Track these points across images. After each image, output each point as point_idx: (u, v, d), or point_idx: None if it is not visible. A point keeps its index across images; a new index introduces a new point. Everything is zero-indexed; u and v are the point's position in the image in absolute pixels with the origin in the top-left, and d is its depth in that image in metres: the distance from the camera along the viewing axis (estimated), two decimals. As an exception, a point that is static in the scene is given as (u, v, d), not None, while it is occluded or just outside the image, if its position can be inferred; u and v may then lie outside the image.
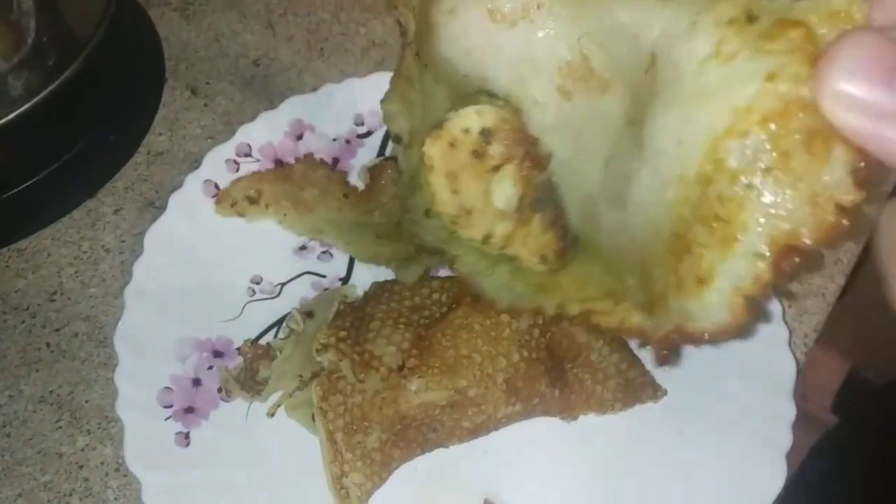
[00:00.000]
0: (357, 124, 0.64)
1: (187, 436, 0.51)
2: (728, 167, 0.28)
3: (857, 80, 0.24)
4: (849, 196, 0.27)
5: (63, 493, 0.52)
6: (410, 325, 0.53)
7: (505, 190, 0.37)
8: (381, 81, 0.62)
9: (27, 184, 0.61)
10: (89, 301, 0.59)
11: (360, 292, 0.57)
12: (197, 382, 0.53)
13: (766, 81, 0.27)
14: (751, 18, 0.29)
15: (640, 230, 0.33)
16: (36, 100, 0.56)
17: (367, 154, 0.63)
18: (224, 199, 0.58)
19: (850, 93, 0.24)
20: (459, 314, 0.52)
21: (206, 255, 0.57)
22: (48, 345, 0.57)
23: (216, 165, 0.59)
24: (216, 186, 0.59)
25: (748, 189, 0.28)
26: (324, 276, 0.59)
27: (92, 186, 0.63)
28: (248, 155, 0.61)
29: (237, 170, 0.60)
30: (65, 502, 0.52)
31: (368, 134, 0.64)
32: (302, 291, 0.58)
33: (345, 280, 0.59)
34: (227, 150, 0.60)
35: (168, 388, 0.52)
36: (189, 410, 0.52)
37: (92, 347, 0.57)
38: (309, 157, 0.60)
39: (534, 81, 0.37)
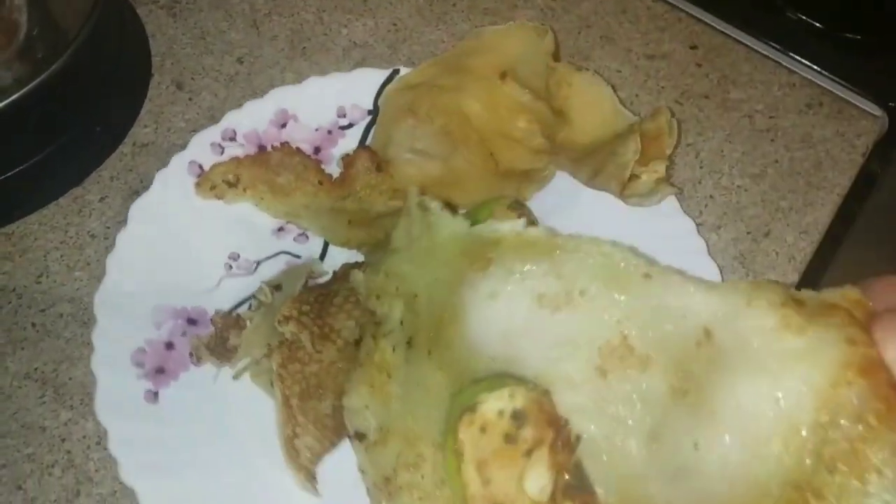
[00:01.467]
0: (339, 116, 0.68)
1: (156, 394, 0.55)
2: (848, 411, 0.32)
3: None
4: None
5: (46, 465, 0.55)
6: (371, 304, 0.56)
7: (539, 477, 0.36)
8: (365, 76, 0.67)
9: (16, 170, 0.64)
10: (74, 283, 0.61)
11: (326, 269, 0.60)
12: (170, 346, 0.57)
13: (847, 345, 0.33)
14: (798, 302, 0.35)
15: (729, 493, 0.35)
16: (24, 90, 0.59)
17: (347, 144, 0.67)
18: (204, 182, 0.62)
19: None
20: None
21: (187, 230, 0.61)
22: (34, 324, 0.60)
23: (202, 148, 0.63)
24: (200, 167, 0.63)
25: (869, 429, 0.32)
26: (299, 257, 0.62)
27: (79, 175, 0.66)
28: (232, 139, 0.65)
29: (221, 153, 0.64)
30: (47, 473, 0.54)
31: (350, 126, 0.68)
32: (277, 270, 0.62)
33: (319, 260, 0.63)
34: (213, 133, 0.64)
35: (142, 349, 0.56)
36: (160, 371, 0.56)
37: (76, 327, 0.59)
38: (286, 145, 0.64)
39: (570, 362, 0.38)
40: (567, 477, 0.37)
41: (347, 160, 0.63)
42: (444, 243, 0.44)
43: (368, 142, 0.67)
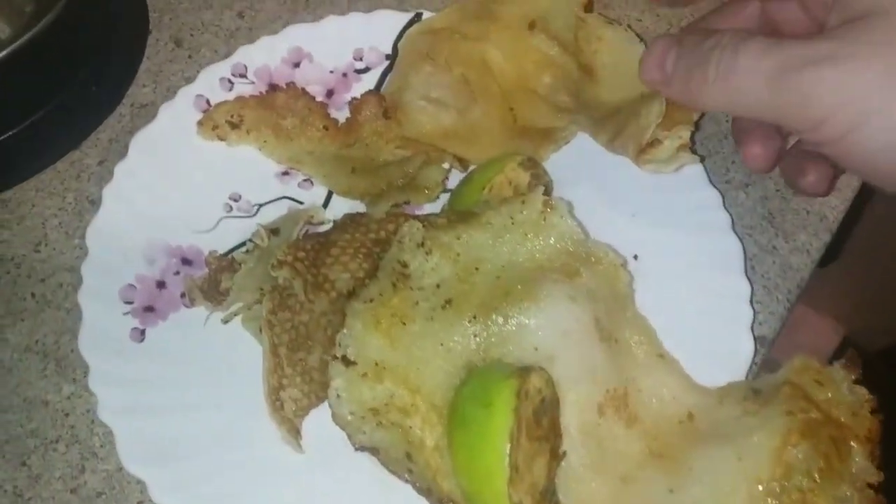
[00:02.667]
0: (356, 59, 0.65)
1: (143, 332, 0.53)
2: (796, 467, 0.43)
3: (650, 70, 0.48)
4: (874, 477, 0.43)
5: (50, 440, 0.53)
6: (369, 257, 0.54)
7: (540, 466, 0.43)
8: (386, 18, 0.64)
9: (9, 134, 0.61)
10: (74, 252, 0.59)
11: (327, 215, 0.58)
12: (161, 285, 0.55)
13: (788, 415, 0.45)
14: (756, 392, 0.48)
15: None
16: (13, 47, 0.55)
17: (362, 89, 0.63)
18: (206, 122, 0.59)
19: (650, 77, 0.48)
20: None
21: (189, 167, 0.59)
22: (33, 295, 0.57)
23: (210, 82, 0.61)
24: (207, 102, 0.61)
25: (814, 483, 0.43)
26: (301, 203, 0.60)
27: (75, 138, 0.64)
28: (243, 76, 0.62)
29: (230, 89, 0.62)
30: (52, 448, 0.53)
31: (366, 70, 0.64)
32: (278, 214, 0.59)
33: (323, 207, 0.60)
34: (223, 68, 0.62)
35: (132, 285, 0.54)
36: (149, 309, 0.54)
37: (77, 298, 0.55)
38: (291, 86, 0.61)
39: (586, 386, 0.47)
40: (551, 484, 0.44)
41: (355, 105, 0.60)
42: (551, 242, 0.50)
43: (383, 88, 0.64)
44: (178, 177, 0.59)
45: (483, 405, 0.42)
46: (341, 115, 0.62)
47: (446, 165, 0.59)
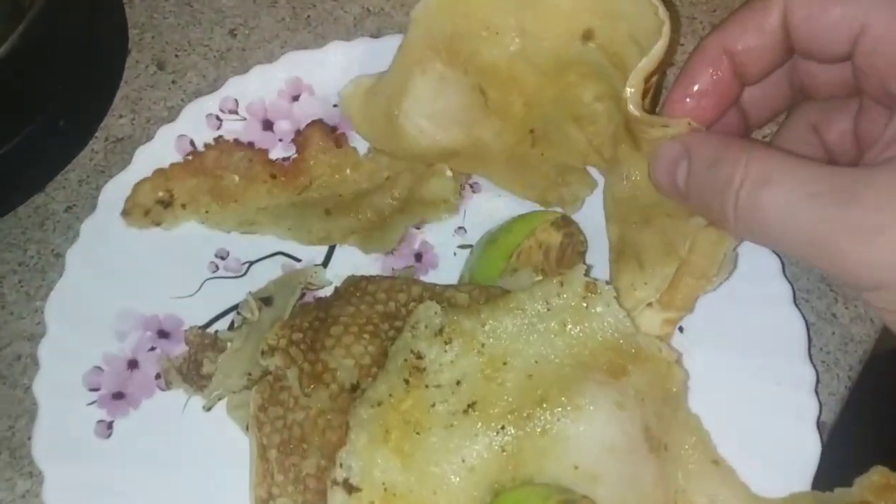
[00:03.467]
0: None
1: (110, 425, 0.46)
2: None
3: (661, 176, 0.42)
4: None
5: None
6: (377, 336, 0.46)
7: None
8: (393, 44, 0.55)
9: None
10: (35, 316, 0.51)
11: (328, 276, 0.50)
12: (133, 365, 0.48)
13: None
14: None
15: None
16: None
17: (370, 126, 0.55)
18: (133, 209, 0.50)
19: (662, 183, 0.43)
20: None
21: (168, 220, 0.51)
22: None
23: (195, 119, 0.53)
24: (192, 144, 0.52)
25: None
26: (299, 260, 0.52)
27: (40, 180, 0.55)
28: (233, 111, 0.54)
29: (219, 127, 0.53)
30: None
31: (374, 103, 0.56)
32: (271, 274, 0.51)
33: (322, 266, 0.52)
34: (210, 103, 0.53)
35: (98, 367, 0.47)
36: (118, 396, 0.46)
37: (37, 372, 0.47)
38: (220, 140, 0.52)
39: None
40: None
41: (299, 141, 0.52)
42: (595, 334, 0.43)
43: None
44: (154, 233, 0.51)
45: None
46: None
47: (448, 173, 0.51)
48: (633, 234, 0.46)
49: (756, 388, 0.46)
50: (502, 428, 0.40)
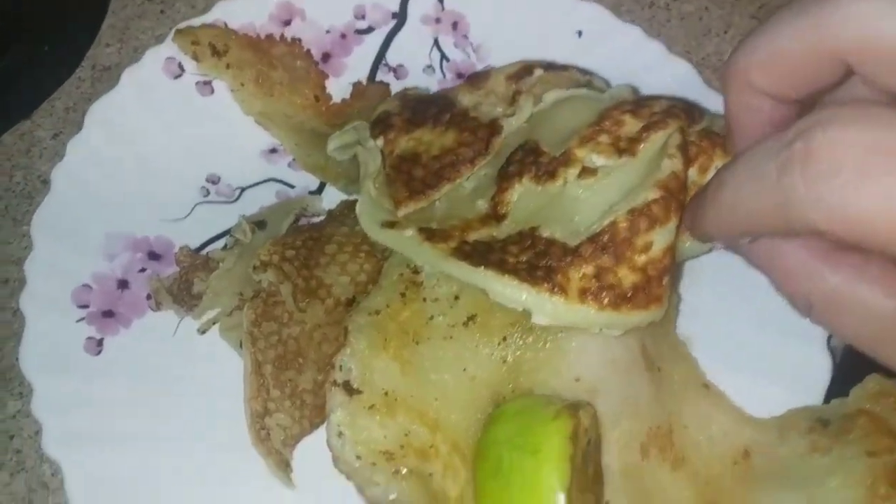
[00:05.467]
0: (357, 17, 0.55)
1: (100, 342, 0.44)
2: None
3: None
4: None
5: None
6: (372, 256, 0.45)
7: None
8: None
9: None
10: (22, 241, 0.50)
11: (325, 206, 0.49)
12: (123, 285, 0.46)
13: (868, 457, 0.39)
14: (823, 422, 0.41)
15: None
16: None
17: (364, 53, 0.55)
18: (187, 33, 0.50)
19: None
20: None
21: (157, 142, 0.50)
22: None
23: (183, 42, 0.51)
24: (180, 66, 0.51)
25: None
26: (292, 187, 0.51)
27: (26, 106, 0.54)
28: (223, 35, 0.52)
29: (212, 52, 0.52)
30: None
31: (369, 30, 0.55)
32: (264, 200, 0.50)
33: (316, 194, 0.51)
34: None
35: (87, 285, 0.45)
36: (108, 315, 0.45)
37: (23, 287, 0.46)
38: (297, 43, 0.52)
39: (630, 422, 0.40)
40: None
41: (359, 90, 0.51)
42: None
43: (388, 52, 0.55)
44: (144, 153, 0.49)
45: (529, 452, 0.34)
46: (337, 84, 0.53)
47: None
48: None
49: (764, 308, 0.45)
50: (504, 339, 0.40)
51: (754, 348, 0.46)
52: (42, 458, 0.45)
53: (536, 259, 0.37)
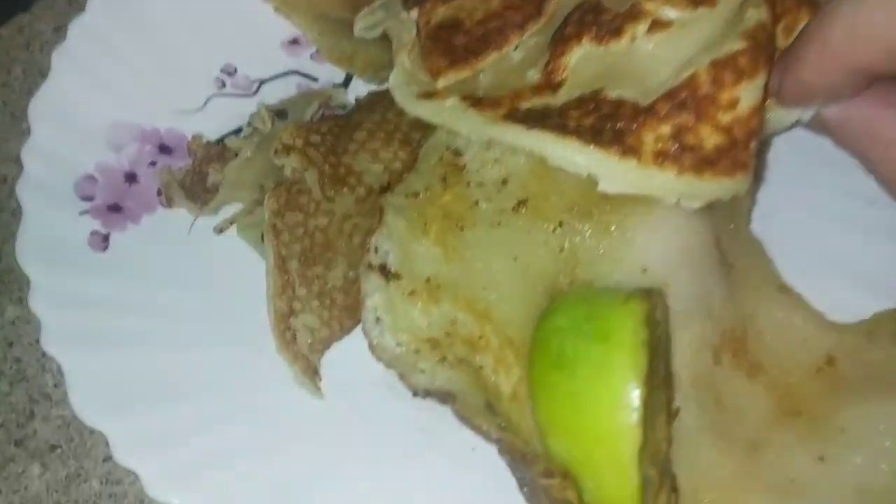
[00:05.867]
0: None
1: (106, 238, 0.40)
2: None
3: None
4: None
5: None
6: (407, 144, 0.41)
7: (661, 427, 0.32)
8: None
9: None
10: (21, 138, 0.44)
11: (351, 99, 0.44)
12: (132, 178, 0.42)
13: None
14: None
15: None
16: None
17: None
18: None
19: None
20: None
21: (170, 27, 0.45)
22: None
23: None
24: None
25: None
26: (315, 80, 0.46)
27: None
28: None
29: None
30: None
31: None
32: (285, 94, 0.46)
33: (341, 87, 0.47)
34: None
35: (91, 176, 0.41)
36: (114, 209, 0.41)
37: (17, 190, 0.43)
38: None
39: (699, 325, 0.35)
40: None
41: None
42: None
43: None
44: (155, 38, 0.45)
45: (597, 338, 0.29)
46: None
47: None
48: None
49: (846, 206, 0.42)
50: (560, 225, 0.35)
51: (835, 250, 0.41)
52: (44, 367, 0.42)
53: (602, 122, 0.32)
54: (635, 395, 0.28)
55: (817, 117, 0.33)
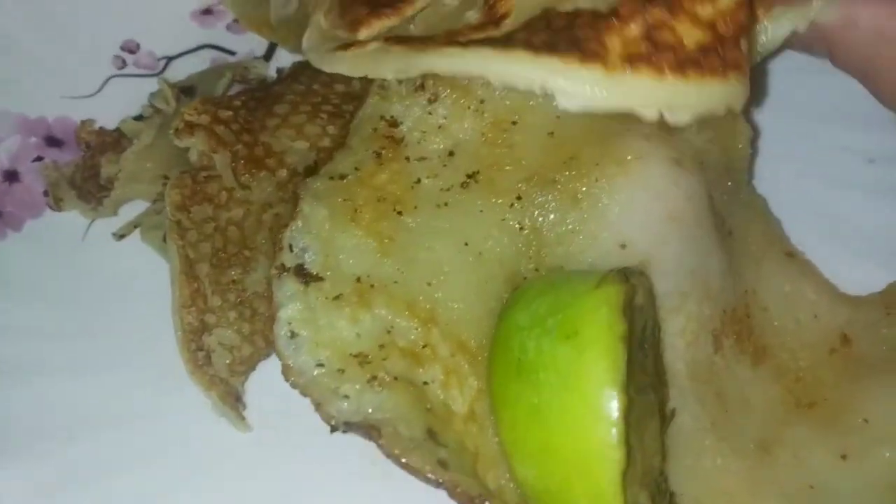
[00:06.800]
0: None
1: (-17, 249, 0.34)
2: None
3: None
4: None
5: None
6: (338, 117, 0.35)
7: (652, 436, 0.28)
8: None
9: None
10: None
11: (272, 71, 0.38)
12: (12, 177, 0.37)
13: None
14: None
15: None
16: None
17: None
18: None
19: None
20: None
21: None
22: None
23: None
24: None
25: None
26: (233, 54, 0.41)
27: None
28: None
29: None
30: None
31: None
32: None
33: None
34: None
35: (-37, 178, 0.35)
36: (-7, 214, 0.35)
37: None
38: None
39: (694, 305, 0.30)
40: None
41: None
42: None
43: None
44: (42, 13, 0.40)
45: (564, 336, 0.24)
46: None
47: None
48: None
49: (844, 165, 0.38)
50: (518, 199, 0.29)
51: (835, 215, 0.38)
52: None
53: (556, 35, 0.27)
54: (613, 406, 0.22)
55: (815, 29, 0.29)
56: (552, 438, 0.23)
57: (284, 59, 0.41)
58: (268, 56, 0.41)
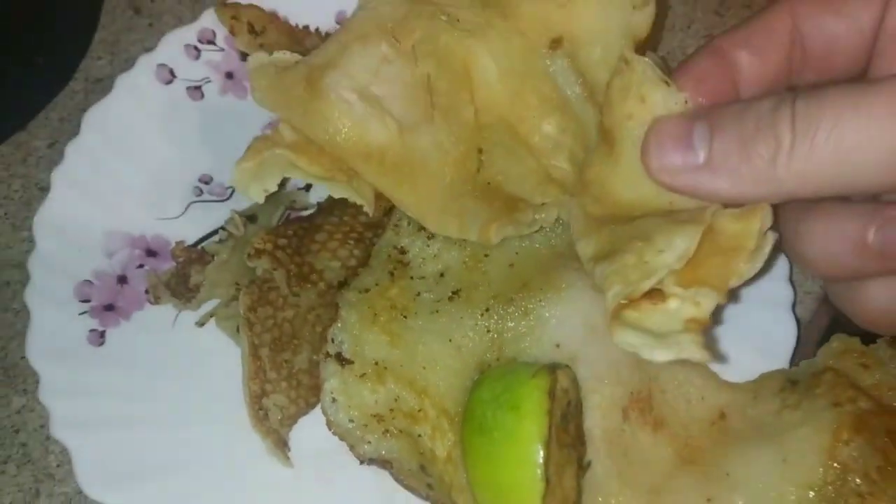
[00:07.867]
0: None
1: (102, 334, 0.46)
2: (851, 467, 0.39)
3: (667, 154, 0.34)
4: None
5: None
6: (361, 242, 0.48)
7: (569, 478, 0.38)
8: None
9: None
10: (22, 246, 0.52)
11: (312, 200, 0.51)
12: (122, 280, 0.48)
13: (834, 407, 0.41)
14: (793, 383, 0.43)
15: None
16: None
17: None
18: (230, 7, 0.50)
19: (669, 163, 0.34)
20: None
21: (151, 144, 0.52)
22: None
23: (174, 49, 0.54)
24: (171, 73, 0.53)
25: (873, 483, 0.39)
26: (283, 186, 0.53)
27: (21, 117, 0.56)
28: (211, 42, 0.55)
29: (197, 57, 0.54)
30: (0, 471, 0.46)
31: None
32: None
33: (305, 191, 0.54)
34: (188, 34, 0.54)
35: (88, 281, 0.47)
36: (109, 308, 0.47)
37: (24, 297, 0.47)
38: (328, 34, 0.52)
39: (612, 388, 0.41)
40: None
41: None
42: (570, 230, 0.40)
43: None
44: (139, 156, 0.51)
45: (509, 408, 0.36)
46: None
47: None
48: (625, 228, 0.36)
49: None
50: (486, 310, 0.42)
51: (726, 318, 0.48)
52: (47, 449, 0.47)
53: None
54: (539, 456, 0.34)
55: None
56: (500, 475, 0.36)
57: (320, 190, 0.52)
58: (308, 186, 0.53)
